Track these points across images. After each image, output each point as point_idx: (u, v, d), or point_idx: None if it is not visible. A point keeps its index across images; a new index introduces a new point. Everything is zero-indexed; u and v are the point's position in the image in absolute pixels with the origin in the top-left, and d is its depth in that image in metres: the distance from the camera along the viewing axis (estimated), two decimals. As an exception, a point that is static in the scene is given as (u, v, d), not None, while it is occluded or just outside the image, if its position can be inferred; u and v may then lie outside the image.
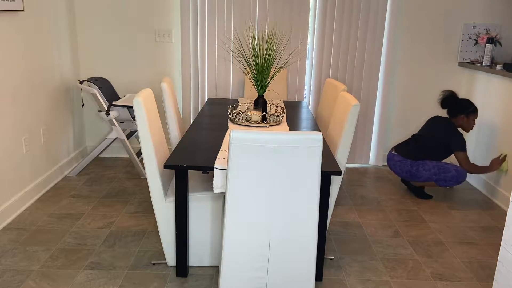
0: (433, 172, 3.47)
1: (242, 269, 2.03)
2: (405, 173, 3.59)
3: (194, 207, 2.42)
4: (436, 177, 3.47)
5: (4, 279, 2.36)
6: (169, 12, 4.06)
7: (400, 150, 3.65)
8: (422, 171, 3.50)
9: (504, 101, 3.62)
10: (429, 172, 3.48)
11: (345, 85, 3.24)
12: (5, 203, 2.98)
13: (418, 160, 3.53)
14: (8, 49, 2.98)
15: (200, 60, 4.11)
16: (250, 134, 1.84)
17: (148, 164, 2.33)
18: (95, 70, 4.20)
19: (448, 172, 3.45)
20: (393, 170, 3.69)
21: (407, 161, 3.55)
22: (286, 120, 3.16)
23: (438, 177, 3.47)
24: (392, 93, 4.29)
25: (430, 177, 3.49)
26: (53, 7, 3.62)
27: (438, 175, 3.46)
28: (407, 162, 3.55)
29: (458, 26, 4.12)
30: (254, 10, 4.00)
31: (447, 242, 2.95)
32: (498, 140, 3.68)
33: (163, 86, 3.02)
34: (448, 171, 3.45)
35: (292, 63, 4.13)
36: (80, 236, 2.85)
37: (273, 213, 1.96)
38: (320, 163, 1.91)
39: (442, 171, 3.46)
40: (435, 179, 3.48)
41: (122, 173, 3.98)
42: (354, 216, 3.29)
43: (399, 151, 3.65)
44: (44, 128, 3.50)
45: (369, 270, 2.59)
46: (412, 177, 3.59)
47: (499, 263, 1.73)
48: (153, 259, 2.61)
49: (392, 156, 3.68)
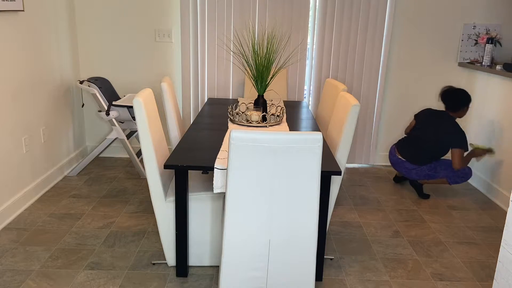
0: (451, 169, 3.54)
1: (242, 269, 2.03)
2: (423, 177, 3.62)
3: (194, 207, 2.42)
4: (452, 174, 3.53)
5: (4, 279, 2.36)
6: (169, 12, 4.06)
7: (407, 155, 3.58)
8: (440, 170, 3.56)
9: (504, 101, 3.62)
10: (446, 171, 3.55)
11: (345, 85, 3.24)
12: (5, 203, 2.98)
13: (433, 162, 3.57)
14: (8, 49, 2.98)
15: (200, 60, 4.11)
16: (250, 134, 1.84)
17: (148, 164, 2.33)
18: (95, 70, 4.20)
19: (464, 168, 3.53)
20: (406, 175, 3.66)
21: (423, 167, 3.57)
22: (286, 120, 3.16)
23: (454, 174, 3.53)
24: (392, 93, 4.29)
25: (448, 174, 3.55)
26: (53, 7, 3.62)
27: (454, 172, 3.53)
28: (423, 168, 3.57)
29: (458, 26, 4.12)
30: (254, 10, 4.00)
31: (447, 242, 2.95)
32: (498, 140, 3.68)
33: (163, 86, 3.02)
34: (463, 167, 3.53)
35: (292, 63, 4.13)
36: (80, 236, 2.85)
37: (273, 213, 1.96)
38: (320, 163, 1.91)
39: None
40: (451, 175, 3.54)
41: (122, 173, 3.98)
42: (354, 216, 3.29)
43: (406, 155, 3.59)
44: (44, 128, 3.50)
45: (369, 270, 2.59)
46: (429, 178, 3.62)
47: (499, 263, 1.73)
48: (153, 259, 2.61)
49: (401, 162, 3.63)
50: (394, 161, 3.70)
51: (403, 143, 3.67)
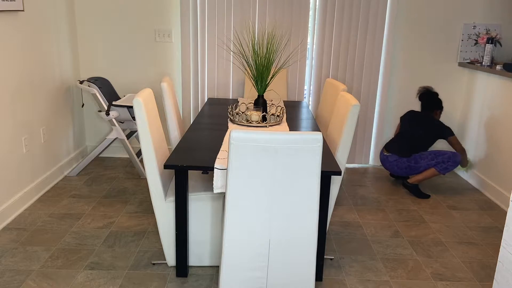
0: (430, 157, 3.61)
1: (242, 269, 2.03)
2: (404, 169, 3.70)
3: (194, 207, 2.42)
4: (434, 162, 3.59)
5: (4, 279, 2.36)
6: (169, 12, 4.06)
7: (392, 150, 3.75)
8: (420, 161, 3.63)
9: (504, 101, 3.62)
10: (427, 159, 3.62)
11: (345, 85, 3.24)
12: (5, 203, 2.98)
13: (412, 155, 3.67)
14: (8, 49, 2.98)
15: (200, 60, 4.11)
16: (250, 134, 1.84)
17: (148, 164, 2.33)
18: (95, 70, 4.20)
19: (444, 153, 3.60)
20: (390, 170, 3.79)
21: (403, 159, 3.67)
22: (286, 120, 3.16)
23: (436, 161, 3.59)
24: (392, 93, 4.29)
25: (429, 163, 3.60)
26: (53, 7, 3.62)
27: (436, 159, 3.59)
28: (403, 160, 3.67)
29: (458, 26, 4.12)
30: (254, 10, 4.00)
31: (447, 242, 2.95)
32: (498, 140, 3.68)
33: (163, 86, 3.02)
34: (443, 153, 3.60)
35: (292, 63, 4.13)
36: (80, 236, 2.85)
37: (273, 213, 1.96)
38: (320, 163, 1.91)
39: (439, 154, 3.60)
40: (434, 164, 3.59)
41: (122, 173, 3.98)
42: (354, 216, 3.29)
43: (391, 151, 3.76)
44: (44, 128, 3.50)
45: (369, 270, 2.59)
46: (412, 171, 3.69)
47: (499, 263, 1.73)
48: (153, 259, 2.61)
49: (386, 157, 3.78)
50: (381, 159, 3.86)
51: (389, 142, 3.85)
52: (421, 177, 3.65)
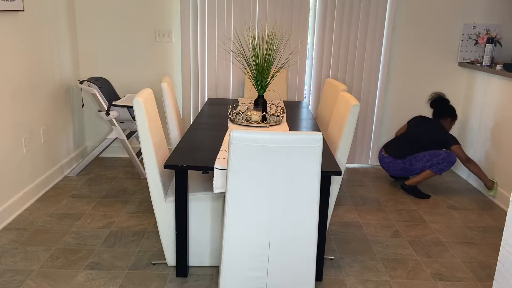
0: (425, 159, 3.60)
1: (242, 269, 2.03)
2: (399, 171, 3.72)
3: (194, 207, 2.42)
4: (429, 163, 3.58)
5: (4, 279, 2.36)
6: (169, 12, 4.06)
7: (390, 151, 3.77)
8: (415, 163, 3.63)
9: (504, 101, 3.62)
10: (422, 160, 3.61)
11: (345, 85, 3.24)
12: (5, 203, 2.98)
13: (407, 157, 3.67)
14: (8, 49, 2.98)
15: (200, 60, 4.11)
16: (250, 134, 1.84)
17: (148, 164, 2.33)
18: (95, 70, 4.20)
19: (438, 154, 3.58)
20: (387, 170, 3.83)
21: (397, 161, 3.69)
22: (286, 120, 3.16)
23: (431, 163, 3.58)
24: (392, 93, 4.29)
25: (424, 165, 3.60)
26: (53, 7, 3.62)
27: (431, 161, 3.58)
28: (397, 162, 3.69)
29: (458, 26, 4.12)
30: (254, 10, 4.00)
31: (447, 242, 2.95)
32: (498, 140, 3.68)
33: (163, 86, 3.02)
34: (438, 154, 3.58)
35: (292, 63, 4.13)
36: (80, 236, 2.85)
37: (273, 213, 1.96)
38: (320, 163, 1.91)
39: (434, 156, 3.58)
40: (429, 166, 3.59)
41: (122, 173, 3.98)
42: (354, 216, 3.29)
43: (389, 151, 3.78)
44: (44, 128, 3.50)
45: (369, 270, 2.59)
46: (407, 173, 3.70)
47: (499, 263, 1.73)
48: (153, 259, 2.61)
49: (383, 157, 3.81)
50: (379, 158, 3.89)
51: (389, 142, 3.85)
52: (417, 179, 3.65)
